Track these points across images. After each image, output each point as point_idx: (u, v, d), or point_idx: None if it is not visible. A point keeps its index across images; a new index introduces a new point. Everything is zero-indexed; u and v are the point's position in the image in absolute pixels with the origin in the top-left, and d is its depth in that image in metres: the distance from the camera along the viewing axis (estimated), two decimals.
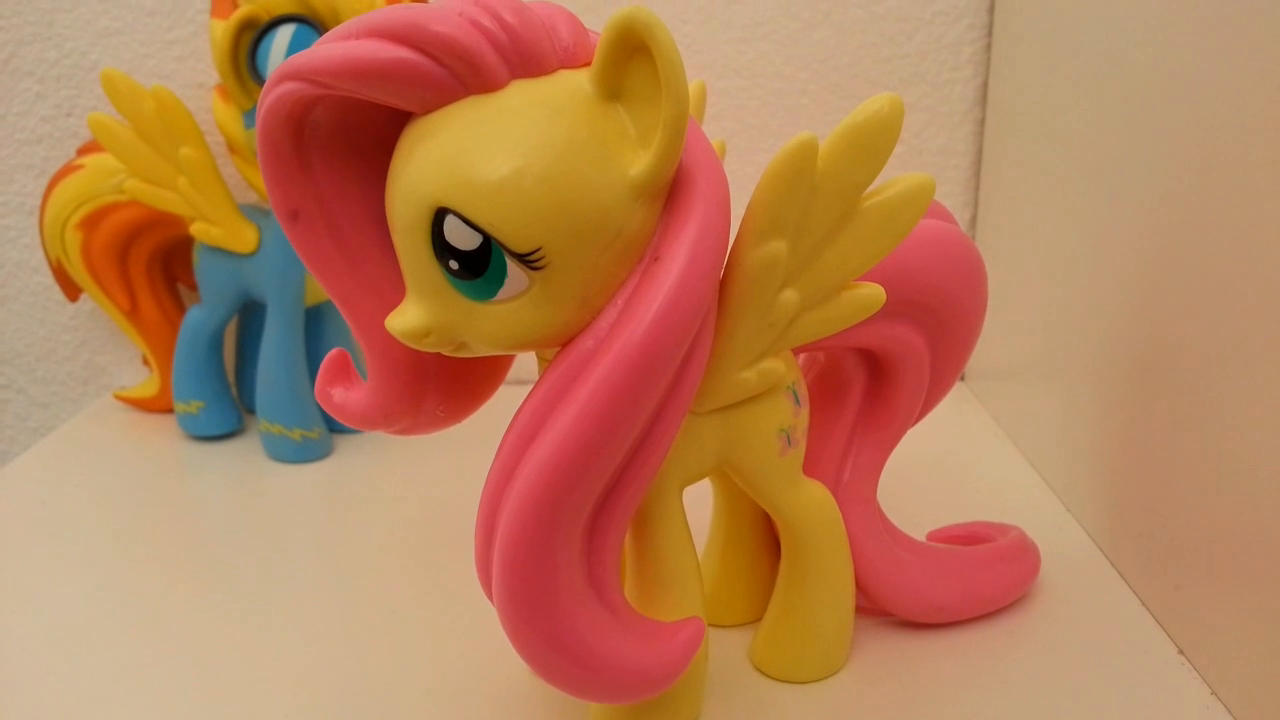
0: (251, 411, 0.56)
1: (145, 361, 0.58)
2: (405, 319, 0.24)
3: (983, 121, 0.57)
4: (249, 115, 0.47)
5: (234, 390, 0.56)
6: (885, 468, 0.34)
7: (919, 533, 0.36)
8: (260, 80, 0.46)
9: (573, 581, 0.24)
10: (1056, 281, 0.45)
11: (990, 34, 0.55)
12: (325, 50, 0.22)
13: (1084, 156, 0.42)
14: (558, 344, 0.24)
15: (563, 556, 0.24)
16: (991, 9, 0.55)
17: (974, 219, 0.58)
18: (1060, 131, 0.44)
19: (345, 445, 0.53)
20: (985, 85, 0.56)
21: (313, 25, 0.45)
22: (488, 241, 0.22)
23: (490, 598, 0.25)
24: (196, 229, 0.49)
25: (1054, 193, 0.45)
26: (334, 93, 0.22)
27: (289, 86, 0.23)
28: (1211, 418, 0.31)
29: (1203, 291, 0.32)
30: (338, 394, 0.27)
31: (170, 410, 0.55)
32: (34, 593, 0.39)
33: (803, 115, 0.57)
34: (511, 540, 0.23)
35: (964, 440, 0.51)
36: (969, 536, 0.37)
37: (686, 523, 0.28)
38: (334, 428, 0.53)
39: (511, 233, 0.22)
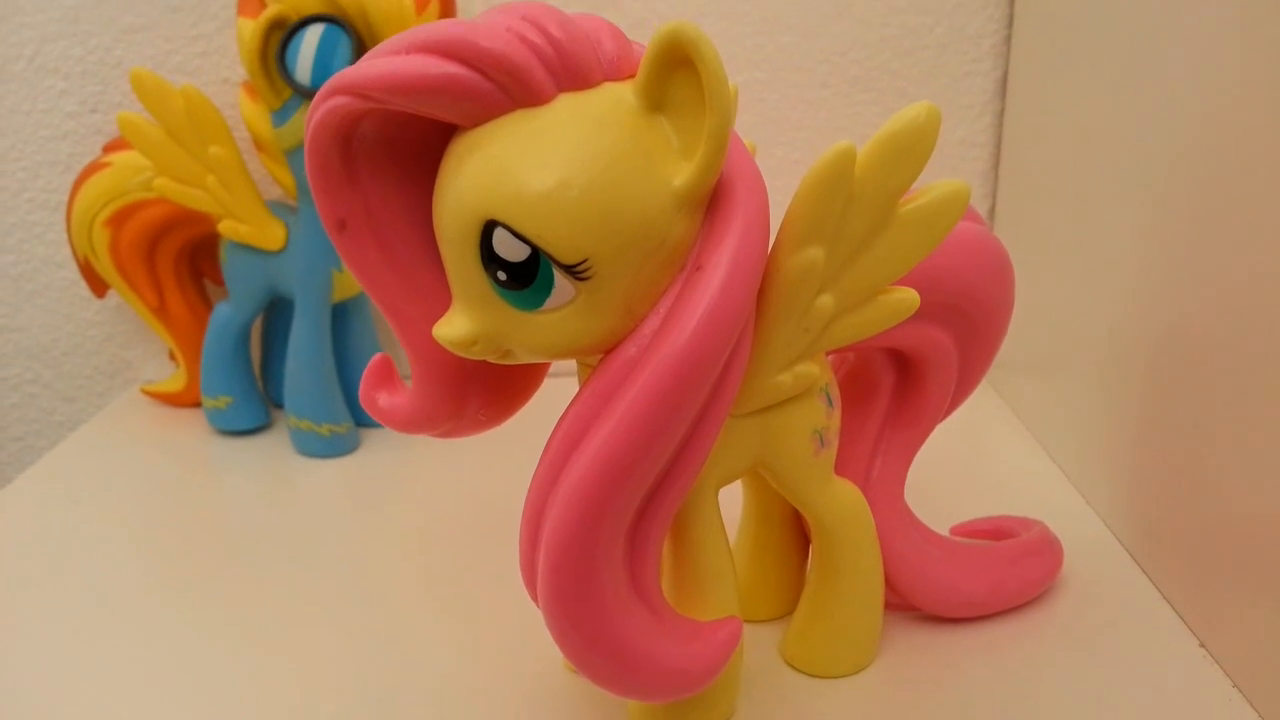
0: (278, 406, 0.57)
1: (171, 356, 0.58)
2: (453, 328, 0.24)
3: (1002, 114, 0.57)
4: (277, 114, 0.47)
5: (260, 385, 0.56)
6: None
7: (941, 526, 0.36)
8: (289, 79, 0.46)
9: (616, 584, 0.25)
10: (1075, 275, 0.45)
11: (1010, 26, 0.55)
12: (374, 65, 0.22)
13: (1103, 149, 0.42)
14: (601, 351, 0.25)
15: (607, 559, 0.24)
16: (1012, 1, 0.55)
17: (992, 211, 0.58)
18: (1080, 124, 0.45)
19: (373, 440, 0.53)
20: (1005, 78, 0.56)
21: (341, 25, 0.45)
22: (536, 253, 0.23)
23: (535, 599, 0.26)
24: (225, 226, 0.50)
25: (1073, 186, 0.45)
26: (383, 107, 0.23)
27: (339, 101, 0.23)
28: (1231, 410, 0.32)
29: (1222, 284, 0.32)
30: (383, 399, 0.28)
31: (197, 405, 0.56)
32: (62, 588, 0.39)
33: (823, 108, 0.57)
34: (558, 544, 0.24)
35: (984, 434, 0.52)
36: (993, 531, 0.38)
37: (722, 523, 0.29)
38: (361, 422, 0.53)
39: (559, 244, 0.22)
